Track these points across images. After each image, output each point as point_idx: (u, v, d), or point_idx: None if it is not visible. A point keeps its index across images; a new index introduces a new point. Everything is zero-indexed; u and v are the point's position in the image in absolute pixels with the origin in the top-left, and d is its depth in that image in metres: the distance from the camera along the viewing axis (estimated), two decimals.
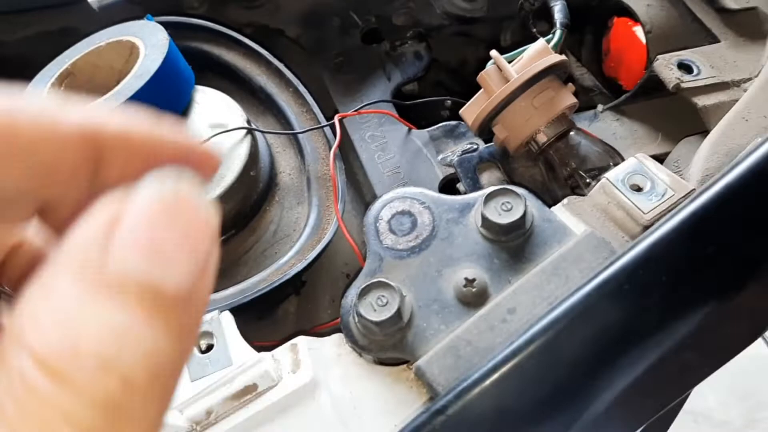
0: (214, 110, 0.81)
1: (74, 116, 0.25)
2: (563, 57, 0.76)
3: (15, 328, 0.21)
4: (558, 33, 0.77)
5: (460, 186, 0.84)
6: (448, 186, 0.86)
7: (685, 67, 0.82)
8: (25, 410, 0.20)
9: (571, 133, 0.77)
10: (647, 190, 0.68)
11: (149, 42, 0.79)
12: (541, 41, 0.76)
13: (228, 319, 0.65)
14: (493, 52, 0.76)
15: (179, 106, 0.80)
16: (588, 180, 0.76)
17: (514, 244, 0.66)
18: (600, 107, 0.89)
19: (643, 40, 0.93)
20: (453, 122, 0.88)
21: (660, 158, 0.84)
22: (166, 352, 0.22)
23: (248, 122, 0.81)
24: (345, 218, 0.81)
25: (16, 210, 0.25)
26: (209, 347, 0.64)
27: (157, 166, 0.25)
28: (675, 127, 0.86)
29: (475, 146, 0.84)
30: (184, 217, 0.24)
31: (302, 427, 0.61)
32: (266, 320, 0.79)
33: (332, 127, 0.81)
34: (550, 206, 0.71)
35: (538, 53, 0.75)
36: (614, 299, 0.52)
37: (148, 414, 0.21)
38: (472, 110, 0.78)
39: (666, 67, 0.82)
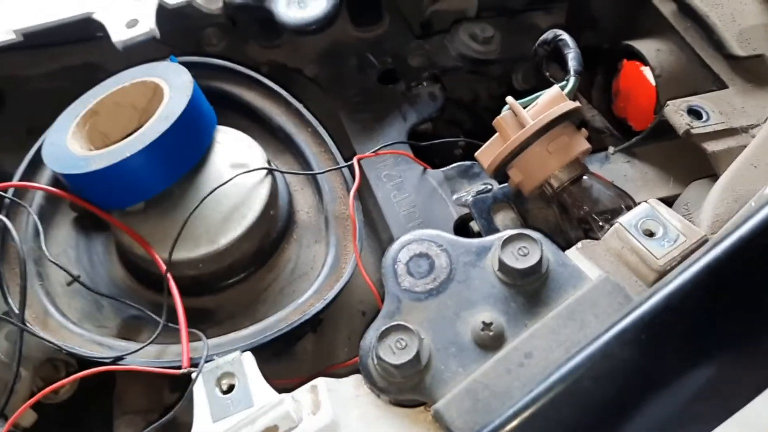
0: (235, 150, 0.83)
1: None
2: (577, 104, 0.78)
3: None
4: (572, 80, 0.80)
5: (474, 225, 0.86)
6: (462, 225, 0.87)
7: (694, 113, 0.84)
8: None
9: (584, 176, 0.79)
10: (660, 236, 0.69)
11: (174, 83, 0.81)
12: (556, 88, 0.78)
13: (249, 360, 0.66)
14: (509, 99, 0.78)
15: (202, 146, 0.82)
16: (601, 223, 0.77)
17: (530, 288, 0.68)
18: (611, 149, 0.91)
19: (652, 81, 0.95)
20: (467, 162, 0.90)
21: (670, 200, 0.86)
22: None
23: (268, 162, 0.83)
24: (361, 257, 0.83)
25: None
26: (230, 387, 0.65)
27: None
28: (684, 169, 0.88)
29: (490, 187, 0.86)
30: None
31: None
32: (284, 357, 0.80)
33: (350, 167, 0.82)
34: (564, 248, 0.73)
35: (553, 100, 0.77)
36: (632, 349, 0.53)
37: None
38: (488, 154, 0.79)
39: (676, 113, 0.84)
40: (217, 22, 1.03)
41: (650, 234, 0.70)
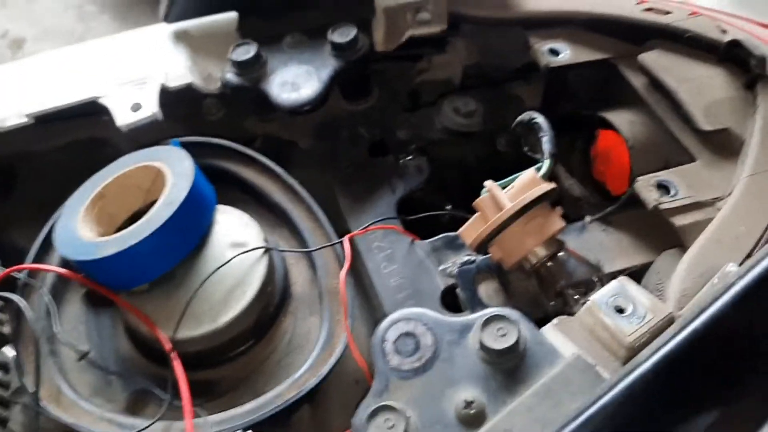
0: (234, 229, 0.89)
1: None
2: (552, 185, 0.83)
3: None
4: (547, 163, 0.85)
5: (459, 292, 0.92)
6: (449, 294, 0.92)
7: (663, 188, 0.90)
8: None
9: (561, 253, 0.84)
10: (629, 313, 0.75)
11: (176, 169, 0.87)
12: (531, 171, 0.84)
13: None
14: (488, 183, 0.84)
15: (203, 227, 0.87)
16: (576, 296, 0.83)
17: (509, 366, 0.73)
18: (588, 218, 0.97)
19: None
20: (453, 234, 0.95)
21: (644, 268, 0.91)
22: None
23: (265, 239, 0.89)
24: (354, 327, 0.88)
25: None
26: None
27: None
28: (657, 238, 0.93)
29: (474, 258, 0.92)
30: None
31: None
32: (281, 428, 0.85)
33: (342, 244, 0.88)
34: (542, 319, 0.78)
35: (529, 182, 0.83)
36: None
37: None
38: (470, 233, 0.85)
39: (645, 188, 0.90)
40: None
41: (620, 311, 0.75)
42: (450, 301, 0.92)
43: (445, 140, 1.09)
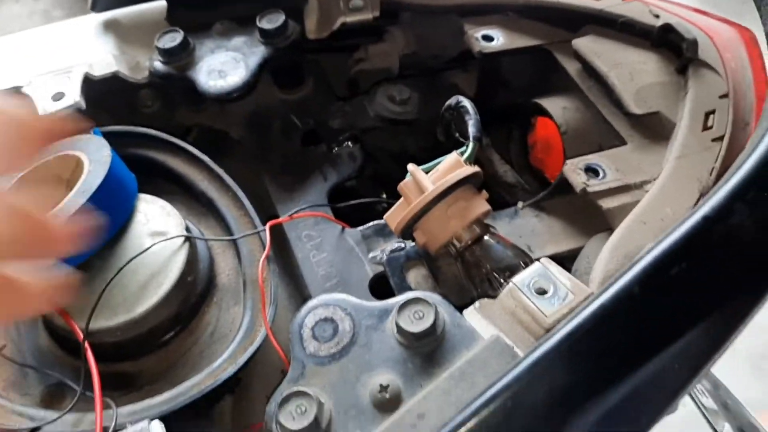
0: (154, 218, 0.87)
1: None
2: (475, 169, 0.82)
3: None
4: (471, 145, 0.84)
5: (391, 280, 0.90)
6: (379, 282, 0.91)
7: (592, 171, 0.89)
8: None
9: (486, 237, 0.83)
10: (550, 294, 0.74)
11: (93, 157, 0.85)
12: (454, 154, 0.83)
13: (157, 428, 0.69)
14: (410, 166, 0.82)
15: (121, 217, 0.85)
16: (501, 281, 0.82)
17: (426, 350, 0.72)
18: (520, 204, 0.96)
19: None
20: (383, 221, 0.94)
21: (574, 253, 0.90)
22: None
23: (187, 229, 0.87)
24: (281, 315, 0.86)
25: None
26: None
27: None
28: (588, 222, 0.93)
29: (403, 245, 0.90)
30: None
31: None
32: (202, 419, 0.83)
33: (271, 230, 0.86)
34: (468, 304, 0.77)
35: (452, 165, 0.82)
36: (500, 417, 0.57)
37: None
38: (394, 217, 0.84)
39: (574, 172, 0.89)
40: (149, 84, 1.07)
41: (542, 292, 0.74)
42: (379, 290, 0.90)
43: (380, 128, 1.08)
